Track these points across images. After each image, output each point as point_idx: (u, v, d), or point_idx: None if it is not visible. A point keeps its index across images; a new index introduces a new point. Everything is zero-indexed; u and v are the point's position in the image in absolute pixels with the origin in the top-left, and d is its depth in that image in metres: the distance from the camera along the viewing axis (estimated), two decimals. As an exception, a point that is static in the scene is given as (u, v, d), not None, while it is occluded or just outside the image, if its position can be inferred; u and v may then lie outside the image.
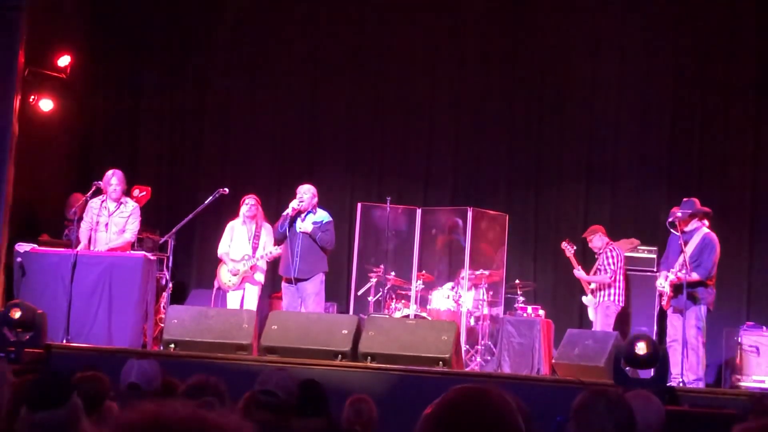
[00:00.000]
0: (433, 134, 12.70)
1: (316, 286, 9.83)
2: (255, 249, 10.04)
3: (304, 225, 9.84)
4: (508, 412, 2.00)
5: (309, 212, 9.92)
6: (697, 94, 11.86)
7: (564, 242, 10.68)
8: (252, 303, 9.99)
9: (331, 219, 10.05)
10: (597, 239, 10.54)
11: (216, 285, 10.36)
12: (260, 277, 10.15)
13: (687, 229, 9.32)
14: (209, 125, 13.16)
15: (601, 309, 10.37)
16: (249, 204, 10.06)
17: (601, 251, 10.50)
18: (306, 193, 9.95)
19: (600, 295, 10.41)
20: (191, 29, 13.19)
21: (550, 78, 12.34)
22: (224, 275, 10.14)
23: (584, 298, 10.58)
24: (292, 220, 9.83)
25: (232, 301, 10.07)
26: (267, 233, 10.15)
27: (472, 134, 12.55)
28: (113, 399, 4.49)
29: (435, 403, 2.05)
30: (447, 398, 2.03)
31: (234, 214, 10.35)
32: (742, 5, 11.76)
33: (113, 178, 9.61)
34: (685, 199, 9.49)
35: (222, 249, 10.19)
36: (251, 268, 10.00)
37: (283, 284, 9.96)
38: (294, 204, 9.84)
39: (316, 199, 10.01)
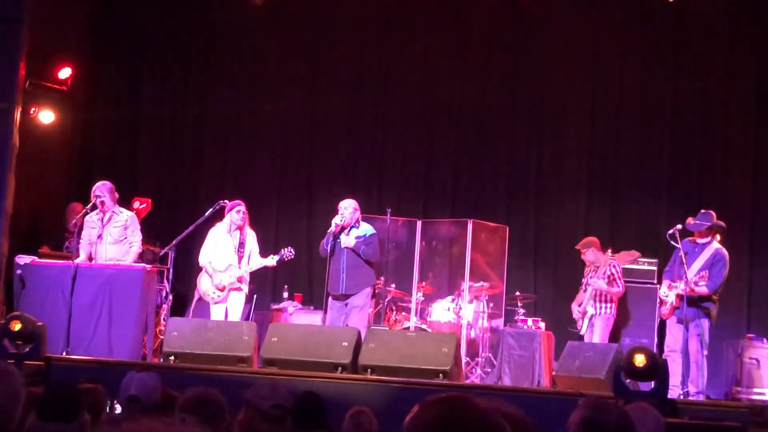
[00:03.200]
0: (433, 145, 12.70)
1: (361, 300, 9.77)
2: (240, 258, 9.85)
3: (348, 240, 9.80)
4: (491, 415, 1.99)
5: (352, 227, 9.88)
6: (697, 106, 11.87)
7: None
8: (236, 311, 9.80)
9: (374, 231, 10.01)
10: (590, 254, 10.48)
11: (197, 296, 10.07)
12: (244, 286, 9.90)
13: (700, 241, 9.28)
14: (209, 137, 13.17)
15: (602, 320, 10.35)
16: (241, 212, 9.84)
17: (603, 265, 10.43)
18: (347, 208, 9.89)
19: (601, 307, 10.38)
20: (191, 41, 13.22)
21: (550, 90, 12.35)
22: (207, 286, 9.89)
23: (578, 308, 10.48)
24: (336, 236, 9.80)
25: (216, 313, 9.83)
26: (252, 241, 9.95)
27: (473, 145, 12.56)
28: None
29: (415, 414, 2.01)
30: (429, 409, 2.00)
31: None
32: (742, 18, 11.77)
33: (97, 191, 9.57)
34: (702, 211, 9.42)
35: (205, 258, 9.90)
36: (238, 279, 9.82)
37: (330, 300, 9.83)
38: (336, 220, 9.80)
39: (358, 213, 9.95)
